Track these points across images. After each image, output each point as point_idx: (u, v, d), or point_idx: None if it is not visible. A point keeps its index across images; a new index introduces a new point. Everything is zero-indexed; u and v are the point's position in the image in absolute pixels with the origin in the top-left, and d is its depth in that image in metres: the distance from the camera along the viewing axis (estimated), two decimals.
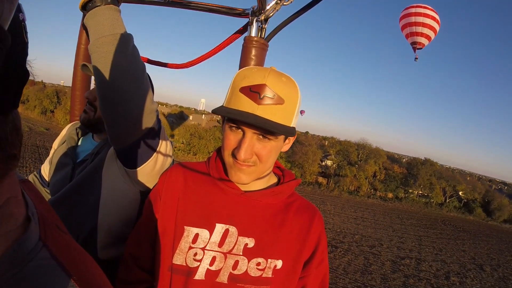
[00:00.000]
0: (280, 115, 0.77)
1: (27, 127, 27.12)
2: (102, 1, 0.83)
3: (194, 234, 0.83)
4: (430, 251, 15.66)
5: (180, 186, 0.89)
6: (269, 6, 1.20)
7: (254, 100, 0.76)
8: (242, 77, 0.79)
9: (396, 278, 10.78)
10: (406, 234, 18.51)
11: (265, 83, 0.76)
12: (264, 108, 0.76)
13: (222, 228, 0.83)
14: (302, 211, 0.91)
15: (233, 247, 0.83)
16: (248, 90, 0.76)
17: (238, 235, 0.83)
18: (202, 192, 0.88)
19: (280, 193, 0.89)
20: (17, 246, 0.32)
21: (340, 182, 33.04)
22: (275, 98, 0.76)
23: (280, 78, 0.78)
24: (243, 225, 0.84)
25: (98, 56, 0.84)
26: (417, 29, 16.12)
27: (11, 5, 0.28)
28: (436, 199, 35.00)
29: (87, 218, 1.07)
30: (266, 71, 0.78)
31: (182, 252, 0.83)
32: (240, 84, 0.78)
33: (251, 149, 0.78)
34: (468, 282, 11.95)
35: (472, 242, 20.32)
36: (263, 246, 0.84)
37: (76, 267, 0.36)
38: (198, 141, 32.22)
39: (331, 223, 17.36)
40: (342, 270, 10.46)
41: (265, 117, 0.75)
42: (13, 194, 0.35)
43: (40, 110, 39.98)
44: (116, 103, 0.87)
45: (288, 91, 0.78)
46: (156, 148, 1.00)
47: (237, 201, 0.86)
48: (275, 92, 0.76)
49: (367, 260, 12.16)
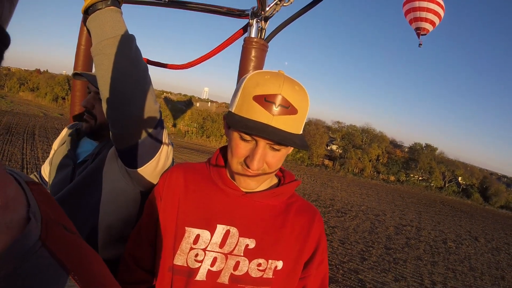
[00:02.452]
0: (293, 124, 0.76)
1: (41, 112, 27.77)
2: (103, 4, 0.82)
3: (195, 235, 0.82)
4: (429, 223, 16.66)
5: (180, 187, 0.87)
6: (269, 7, 1.17)
7: (269, 111, 0.73)
8: (255, 84, 0.76)
9: (399, 238, 11.80)
10: (407, 209, 19.49)
11: (281, 93, 0.74)
12: (279, 119, 0.74)
13: (223, 229, 0.82)
14: (303, 212, 0.90)
15: (234, 248, 0.81)
16: (263, 100, 0.74)
17: (239, 236, 0.82)
18: (203, 193, 0.87)
19: (280, 194, 0.88)
20: (13, 244, 0.31)
21: (346, 164, 33.96)
22: (290, 109, 0.74)
23: (294, 87, 0.76)
24: (244, 226, 0.83)
25: (100, 58, 0.83)
26: (421, 14, 15.26)
27: (11, 5, 0.28)
28: (436, 183, 35.86)
29: (88, 218, 1.06)
30: (280, 80, 0.76)
31: (183, 253, 0.82)
32: (253, 92, 0.75)
33: (264, 159, 0.77)
34: (463, 248, 12.91)
35: (468, 220, 21.24)
36: (264, 247, 0.83)
37: (78, 265, 0.36)
38: (211, 124, 32.93)
39: (339, 196, 18.38)
40: (352, 230, 11.51)
41: (279, 127, 0.74)
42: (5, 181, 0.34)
43: (52, 97, 40.04)
44: (119, 105, 0.86)
45: (301, 100, 0.76)
46: (159, 148, 0.98)
47: (238, 202, 0.85)
48: (290, 103, 0.74)
49: (373, 224, 13.19)
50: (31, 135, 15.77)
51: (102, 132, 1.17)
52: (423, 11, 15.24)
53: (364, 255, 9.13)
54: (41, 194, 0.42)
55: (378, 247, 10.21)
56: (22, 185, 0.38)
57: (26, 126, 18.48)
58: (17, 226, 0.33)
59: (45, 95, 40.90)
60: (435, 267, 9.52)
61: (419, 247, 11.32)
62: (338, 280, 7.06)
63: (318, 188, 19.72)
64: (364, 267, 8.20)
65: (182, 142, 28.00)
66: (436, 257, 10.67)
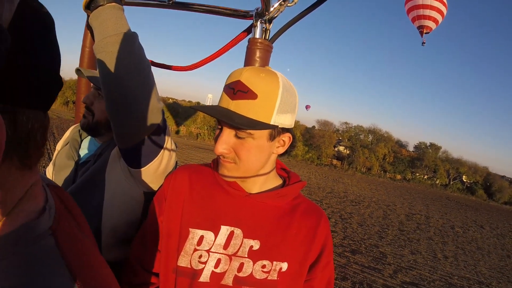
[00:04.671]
0: (255, 110, 0.72)
1: (54, 115, 27.84)
2: (104, 0, 0.79)
3: (199, 236, 0.79)
4: (436, 213, 17.36)
5: (185, 188, 0.85)
6: (273, 7, 1.15)
7: (229, 96, 0.73)
8: (228, 76, 0.77)
9: (410, 224, 12.57)
10: (414, 202, 20.19)
11: (239, 79, 0.72)
12: (237, 104, 0.72)
13: (227, 230, 0.79)
14: (308, 213, 0.86)
15: (238, 249, 0.78)
16: (227, 87, 0.74)
17: (243, 237, 0.79)
18: (207, 194, 0.84)
19: (285, 195, 0.85)
20: (26, 227, 0.35)
21: (354, 163, 34.80)
22: (248, 93, 0.71)
23: (258, 74, 0.73)
24: (248, 227, 0.80)
25: (103, 56, 0.79)
26: (425, 11, 14.82)
27: (11, 5, 0.28)
28: (441, 180, 36.46)
29: (91, 220, 0.98)
30: (244, 68, 0.75)
31: (187, 254, 0.79)
32: (225, 83, 0.76)
33: (226, 144, 0.75)
34: (470, 233, 13.60)
35: (473, 212, 21.84)
36: (269, 248, 0.79)
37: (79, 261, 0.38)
38: None
39: (351, 190, 19.21)
40: (368, 216, 12.33)
41: (236, 111, 0.72)
42: (37, 181, 0.40)
43: (63, 100, 38.79)
44: (122, 103, 0.83)
45: (265, 86, 0.72)
46: (162, 147, 0.95)
47: (242, 203, 0.82)
48: (249, 87, 0.71)
49: (385, 212, 13.99)
50: (51, 134, 16.47)
51: (99, 129, 1.14)
52: (426, 9, 14.81)
53: (381, 235, 9.95)
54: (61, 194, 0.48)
55: (393, 229, 11.02)
56: (43, 185, 0.43)
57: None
58: (35, 213, 0.38)
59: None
60: (446, 246, 10.29)
61: (429, 231, 12.09)
62: (362, 252, 7.88)
63: (330, 184, 20.53)
64: (383, 243, 9.02)
65: (196, 143, 28.94)
66: (445, 238, 11.45)
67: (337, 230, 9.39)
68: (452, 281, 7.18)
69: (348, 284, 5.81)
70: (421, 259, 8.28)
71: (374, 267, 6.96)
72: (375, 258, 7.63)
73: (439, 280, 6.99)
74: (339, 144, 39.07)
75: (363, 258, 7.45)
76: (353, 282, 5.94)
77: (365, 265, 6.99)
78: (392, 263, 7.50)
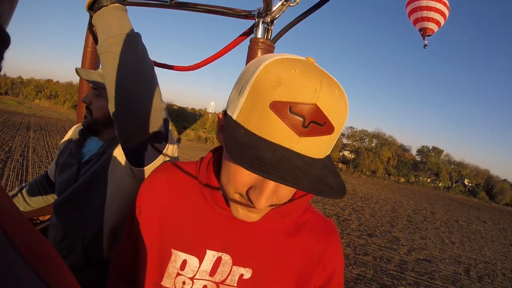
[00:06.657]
0: (324, 147, 0.49)
1: (64, 117, 28.46)
2: (108, 1, 0.77)
3: (182, 260, 0.65)
4: (441, 210, 17.94)
5: (164, 197, 0.69)
6: (275, 7, 1.10)
7: (296, 129, 0.45)
8: (276, 81, 0.45)
9: (417, 217, 13.19)
10: (419, 201, 20.77)
11: (316, 103, 0.44)
12: (308, 143, 0.46)
13: (213, 256, 0.64)
14: (316, 233, 0.67)
15: (227, 277, 0.64)
16: (287, 111, 0.44)
17: (232, 264, 0.64)
18: (190, 208, 0.67)
19: (289, 214, 0.65)
20: None
21: (359, 166, 35.49)
22: (325, 126, 0.46)
23: (333, 90, 0.47)
24: (238, 253, 0.64)
25: (107, 57, 0.78)
26: (428, 14, 14.07)
27: (11, 6, 0.27)
28: (444, 183, 36.91)
29: (93, 218, 1.01)
30: (317, 79, 0.46)
31: (170, 277, 0.66)
32: (271, 95, 0.45)
33: (274, 194, 0.53)
34: (473, 226, 14.15)
35: (476, 211, 22.31)
36: (262, 278, 0.64)
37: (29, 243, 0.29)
38: None
39: (359, 189, 19.91)
40: (378, 209, 13.00)
41: (304, 153, 0.47)
42: None
43: (71, 104, 38.95)
44: (126, 103, 0.80)
45: (341, 112, 0.48)
46: (164, 147, 0.92)
47: (232, 224, 0.64)
48: (327, 118, 0.46)
49: (393, 207, 14.63)
50: (64, 131, 17.37)
51: (97, 127, 1.13)
52: (430, 11, 13.96)
53: (392, 223, 10.63)
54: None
55: (402, 220, 11.68)
56: None
57: (55, 125, 19.98)
58: None
59: (63, 102, 40.14)
60: (452, 234, 10.92)
61: (435, 223, 12.73)
62: (378, 235, 8.58)
63: None
64: (395, 230, 9.70)
65: (205, 145, 29.66)
66: (451, 229, 12.08)
67: (352, 219, 10.09)
68: (460, 259, 7.84)
69: (369, 258, 6.51)
70: (430, 243, 8.94)
71: (390, 247, 7.66)
72: (389, 240, 8.32)
73: (449, 259, 7.66)
74: (343, 149, 39.73)
75: (379, 240, 8.15)
76: (374, 257, 6.64)
77: (382, 245, 7.68)
78: (405, 244, 8.18)
